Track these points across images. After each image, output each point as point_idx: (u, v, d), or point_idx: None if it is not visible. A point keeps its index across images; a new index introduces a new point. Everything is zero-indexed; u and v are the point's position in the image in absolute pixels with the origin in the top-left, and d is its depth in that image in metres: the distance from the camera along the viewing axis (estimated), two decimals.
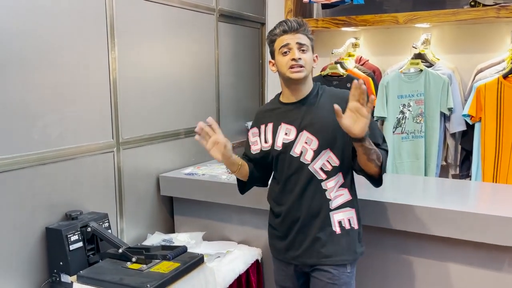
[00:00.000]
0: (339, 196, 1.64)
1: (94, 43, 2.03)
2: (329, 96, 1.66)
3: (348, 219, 1.65)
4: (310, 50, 1.63)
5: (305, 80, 1.64)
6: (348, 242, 1.65)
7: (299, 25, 1.60)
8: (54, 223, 1.87)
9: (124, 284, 1.60)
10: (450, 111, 2.71)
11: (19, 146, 1.73)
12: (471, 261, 1.86)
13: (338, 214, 1.64)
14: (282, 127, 1.67)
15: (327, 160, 1.62)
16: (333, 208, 1.63)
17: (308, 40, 1.62)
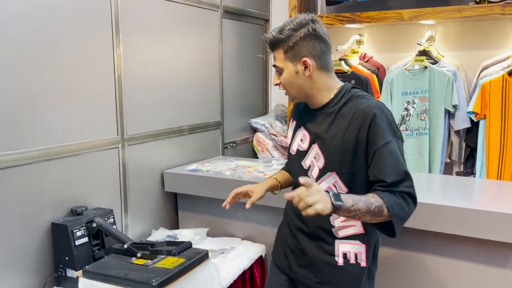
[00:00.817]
0: (350, 226, 1.42)
1: (99, 39, 2.04)
2: (352, 108, 1.35)
3: (355, 254, 1.43)
4: (287, 66, 1.38)
5: (304, 98, 1.44)
6: (350, 277, 1.44)
7: (270, 45, 1.39)
8: (59, 218, 1.88)
9: (129, 279, 1.61)
10: (454, 108, 2.70)
11: (25, 141, 1.74)
12: (475, 258, 1.86)
13: (346, 245, 1.43)
14: (301, 131, 1.48)
15: (333, 184, 1.39)
16: (340, 237, 1.43)
17: (282, 55, 1.37)
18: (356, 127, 1.33)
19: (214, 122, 2.90)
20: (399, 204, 1.27)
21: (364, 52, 3.10)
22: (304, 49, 1.35)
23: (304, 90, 1.41)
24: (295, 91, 1.42)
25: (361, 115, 1.32)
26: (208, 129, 2.84)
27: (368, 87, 2.82)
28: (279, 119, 3.25)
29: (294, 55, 1.36)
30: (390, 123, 1.34)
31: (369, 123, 1.30)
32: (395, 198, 1.27)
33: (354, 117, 1.33)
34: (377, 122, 1.30)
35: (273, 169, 2.45)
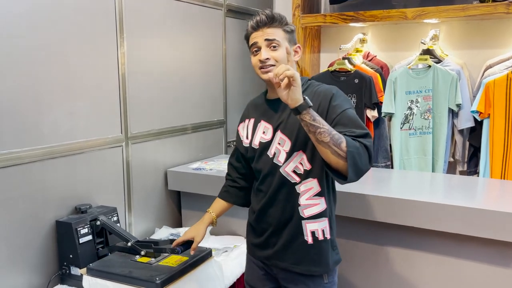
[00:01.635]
0: (315, 205, 1.50)
1: (103, 38, 2.05)
2: (312, 94, 1.48)
3: (322, 230, 1.51)
4: (285, 44, 1.46)
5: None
6: (320, 253, 1.52)
7: (268, 19, 1.45)
8: (64, 216, 1.89)
9: (133, 277, 1.62)
10: (458, 107, 2.70)
11: (29, 140, 1.75)
12: (478, 257, 1.86)
13: (312, 224, 1.50)
14: (261, 124, 1.57)
15: (300, 163, 1.48)
16: (306, 217, 1.50)
17: (282, 33, 1.46)
18: (316, 105, 1.43)
19: (218, 120, 2.91)
20: (358, 149, 1.30)
21: (368, 51, 3.10)
22: (296, 39, 1.54)
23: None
24: None
25: (321, 95, 1.46)
26: (211, 127, 2.85)
27: (371, 86, 2.82)
28: None
29: (292, 39, 1.50)
30: (347, 100, 1.48)
31: (329, 99, 1.43)
32: (357, 144, 1.31)
33: (314, 98, 1.44)
34: (336, 96, 1.45)
35: None
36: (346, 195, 2.05)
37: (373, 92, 2.82)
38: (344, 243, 2.16)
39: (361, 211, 2.02)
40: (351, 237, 2.13)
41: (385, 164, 2.92)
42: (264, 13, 1.47)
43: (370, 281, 2.11)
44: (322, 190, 1.50)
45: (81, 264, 1.80)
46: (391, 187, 2.36)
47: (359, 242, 2.11)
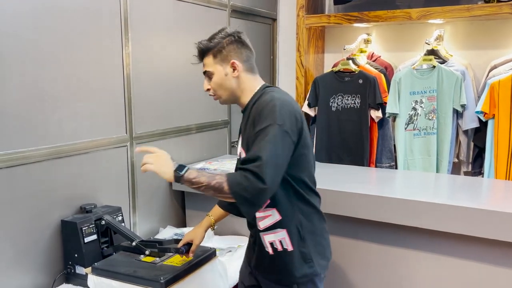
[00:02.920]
0: (267, 217, 1.48)
1: (108, 38, 2.06)
2: (253, 106, 1.47)
3: (279, 241, 1.48)
4: (217, 70, 1.48)
5: (233, 100, 1.54)
6: (285, 263, 1.49)
7: (199, 54, 1.52)
8: (69, 215, 1.90)
9: (137, 276, 1.63)
10: (463, 107, 2.69)
11: (35, 140, 1.76)
12: (483, 258, 1.86)
13: (269, 236, 1.49)
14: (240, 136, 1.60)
15: None
16: (262, 229, 1.49)
17: (212, 60, 1.49)
18: (251, 117, 1.43)
19: (222, 121, 2.91)
20: (239, 184, 1.29)
21: (372, 51, 3.09)
22: (232, 53, 1.48)
23: (233, 91, 1.51)
24: (225, 93, 1.52)
25: (258, 107, 1.41)
26: (215, 128, 2.86)
27: (376, 87, 2.82)
28: None
29: (223, 58, 1.48)
30: (273, 111, 1.35)
31: (258, 113, 1.39)
32: (238, 177, 1.30)
33: (252, 111, 1.44)
34: (263, 112, 1.37)
35: None
36: (350, 195, 2.05)
37: (377, 92, 2.81)
38: (346, 243, 2.16)
39: (364, 212, 2.02)
40: (354, 237, 2.13)
41: (389, 164, 2.92)
42: (198, 46, 1.52)
43: (373, 281, 2.11)
44: (272, 201, 1.44)
45: (86, 263, 1.81)
46: (395, 188, 2.36)
47: (362, 242, 2.11)
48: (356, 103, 2.88)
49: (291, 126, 1.36)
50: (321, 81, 2.97)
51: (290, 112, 1.38)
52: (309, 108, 3.03)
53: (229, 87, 1.50)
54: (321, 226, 1.55)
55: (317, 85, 2.98)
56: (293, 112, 1.39)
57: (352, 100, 2.89)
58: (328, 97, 2.95)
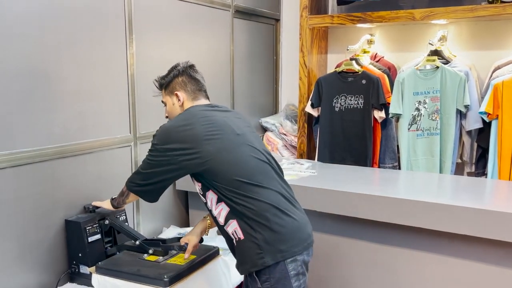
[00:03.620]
0: (220, 211, 1.59)
1: (113, 39, 2.07)
2: None
3: (234, 230, 1.57)
4: (167, 101, 1.77)
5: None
6: (245, 251, 1.56)
7: (158, 86, 1.80)
8: (73, 215, 1.91)
9: (141, 275, 1.63)
10: (466, 108, 2.69)
11: (40, 139, 1.77)
12: (486, 258, 1.85)
13: (228, 228, 1.59)
14: None
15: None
16: (223, 224, 1.59)
17: (164, 92, 1.78)
18: None
19: None
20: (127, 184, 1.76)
21: (375, 51, 3.09)
22: (177, 85, 1.74)
23: (174, 115, 1.73)
24: (172, 117, 1.74)
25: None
26: None
27: (379, 87, 2.82)
28: (289, 119, 3.26)
29: (170, 91, 1.75)
30: (162, 133, 1.62)
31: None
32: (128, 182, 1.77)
33: None
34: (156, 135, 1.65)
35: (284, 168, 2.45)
36: (353, 195, 2.05)
37: (381, 93, 2.81)
38: (349, 243, 2.16)
39: (367, 212, 2.02)
40: (356, 238, 2.13)
41: (392, 165, 2.92)
42: (154, 82, 1.82)
43: (375, 281, 2.11)
44: (219, 196, 1.57)
45: (89, 262, 1.82)
46: (398, 188, 2.36)
47: (365, 242, 2.12)
48: (359, 103, 2.88)
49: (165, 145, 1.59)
50: (324, 82, 2.97)
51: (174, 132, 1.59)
52: (312, 109, 3.03)
53: (176, 113, 1.73)
54: (275, 218, 1.55)
55: (320, 86, 2.98)
56: (180, 132, 1.58)
57: (355, 101, 2.89)
58: (331, 97, 2.95)
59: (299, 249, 1.56)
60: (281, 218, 1.56)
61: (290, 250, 1.54)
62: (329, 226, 2.19)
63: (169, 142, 1.57)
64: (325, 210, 2.13)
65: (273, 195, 1.58)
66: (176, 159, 1.56)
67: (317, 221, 2.03)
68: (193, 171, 1.59)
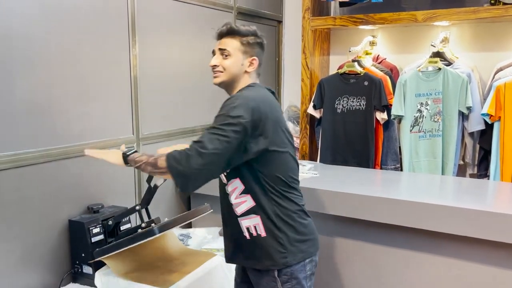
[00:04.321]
0: (243, 202, 1.55)
1: (116, 40, 2.08)
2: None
3: (254, 226, 1.55)
4: (237, 55, 1.57)
5: (227, 85, 1.61)
6: (262, 248, 1.55)
7: (227, 30, 1.58)
8: (76, 215, 1.92)
9: (135, 235, 1.66)
10: (468, 110, 2.69)
11: (44, 140, 1.78)
12: (488, 260, 1.86)
13: (245, 221, 1.56)
14: None
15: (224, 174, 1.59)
16: (239, 215, 1.57)
17: (237, 44, 1.57)
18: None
19: None
20: (177, 159, 1.42)
21: (377, 53, 3.10)
22: (256, 51, 1.60)
23: (235, 80, 1.59)
24: (228, 77, 1.58)
25: (226, 100, 1.55)
26: None
27: (381, 89, 2.82)
28: (291, 120, 3.26)
29: (247, 51, 1.58)
30: (232, 107, 1.46)
31: (223, 104, 1.53)
32: (177, 154, 1.43)
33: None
34: (226, 102, 1.51)
35: None
36: (355, 196, 2.06)
37: (383, 94, 2.82)
38: (351, 245, 2.16)
39: (369, 213, 2.02)
40: (358, 239, 2.14)
41: (394, 166, 2.92)
42: (227, 26, 1.59)
43: (378, 283, 2.11)
44: (246, 187, 1.53)
45: (93, 263, 1.83)
46: (400, 190, 2.36)
47: (366, 243, 2.12)
48: (362, 105, 2.89)
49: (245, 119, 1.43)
50: (326, 83, 2.98)
51: (252, 108, 1.45)
52: (314, 110, 3.03)
53: (235, 75, 1.59)
54: (300, 219, 1.58)
55: (322, 87, 2.99)
56: (256, 109, 1.45)
57: (357, 102, 2.90)
58: (333, 99, 2.95)
59: (314, 250, 1.61)
60: (305, 219, 1.60)
61: (308, 251, 1.58)
62: (331, 227, 2.20)
63: (258, 114, 1.45)
64: (327, 211, 2.14)
65: (300, 196, 1.62)
66: (255, 135, 1.45)
67: (319, 222, 2.03)
68: (255, 155, 1.47)
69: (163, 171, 1.45)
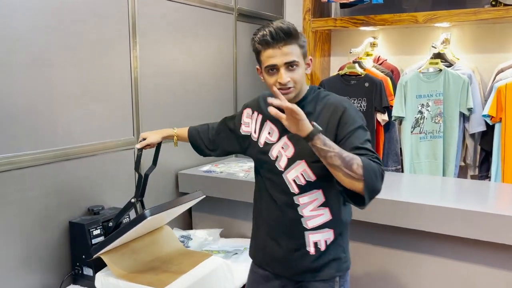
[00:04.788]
0: (319, 216, 1.45)
1: (116, 42, 2.08)
2: (321, 105, 1.44)
3: (325, 240, 1.47)
4: (302, 60, 1.38)
5: (295, 98, 1.42)
6: (324, 260, 1.49)
7: (285, 35, 1.33)
8: (77, 217, 1.92)
9: (128, 224, 1.65)
10: (469, 111, 2.68)
11: (44, 142, 1.78)
12: (489, 262, 1.85)
13: (315, 235, 1.46)
14: (267, 124, 1.52)
15: (301, 173, 1.43)
16: (310, 228, 1.46)
17: (298, 50, 1.36)
18: (326, 118, 1.40)
19: None
20: (376, 174, 1.26)
21: (378, 54, 3.09)
22: (306, 50, 1.42)
23: (301, 87, 1.42)
24: (299, 89, 1.41)
25: (331, 108, 1.41)
26: None
27: (382, 90, 2.82)
28: None
29: (305, 53, 1.40)
30: (360, 116, 1.41)
31: (340, 114, 1.38)
32: (376, 168, 1.27)
33: (324, 110, 1.42)
34: (348, 112, 1.39)
35: None
36: None
37: (384, 96, 2.82)
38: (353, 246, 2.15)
39: (371, 215, 2.02)
40: (360, 240, 2.13)
41: (395, 168, 2.92)
42: (278, 27, 1.34)
43: (379, 284, 2.11)
44: (327, 200, 1.45)
45: (93, 264, 1.82)
46: (401, 191, 2.36)
47: (368, 245, 2.11)
48: (362, 106, 2.88)
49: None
50: (327, 85, 2.98)
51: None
52: None
53: (303, 84, 1.42)
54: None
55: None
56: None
57: (358, 104, 2.90)
58: None
59: None
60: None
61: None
62: None
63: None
64: None
65: None
66: None
67: None
68: None
69: (354, 177, 1.24)
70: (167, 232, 1.98)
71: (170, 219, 1.96)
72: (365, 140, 1.35)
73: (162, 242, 1.94)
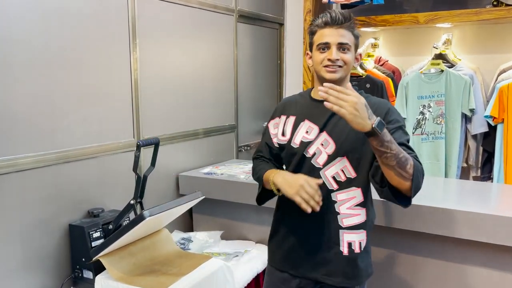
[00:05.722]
0: (356, 215, 1.46)
1: (116, 44, 2.07)
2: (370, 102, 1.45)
3: (359, 242, 1.47)
4: (353, 49, 1.45)
5: (340, 81, 1.44)
6: (355, 265, 1.48)
7: (344, 19, 1.41)
8: (77, 220, 1.91)
9: (126, 226, 1.64)
10: (471, 112, 2.67)
11: (44, 144, 1.78)
12: (492, 264, 1.84)
13: (351, 235, 1.46)
14: (305, 124, 1.51)
15: (341, 170, 1.44)
16: (345, 227, 1.46)
17: (352, 37, 1.44)
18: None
19: (229, 125, 2.92)
20: (422, 174, 1.33)
21: (379, 55, 3.09)
22: (359, 44, 1.50)
23: (347, 76, 1.48)
24: (346, 73, 1.46)
25: (375, 107, 1.42)
26: (222, 132, 2.86)
27: (383, 91, 2.81)
28: None
29: (357, 46, 1.48)
30: (400, 116, 1.48)
31: (384, 112, 1.42)
32: (421, 168, 1.33)
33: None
34: (391, 111, 1.45)
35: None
36: None
37: (385, 96, 2.81)
38: None
39: None
40: None
41: None
42: (340, 12, 1.43)
43: (379, 285, 2.10)
44: (365, 200, 1.46)
45: (93, 267, 1.82)
46: None
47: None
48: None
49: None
50: None
51: None
52: None
53: (349, 71, 1.48)
54: None
55: None
56: None
57: None
58: None
59: None
60: None
61: None
62: None
63: None
64: None
65: None
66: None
67: None
68: None
69: (405, 176, 1.27)
70: (166, 235, 1.97)
71: (169, 220, 1.95)
72: (406, 139, 1.41)
73: (162, 244, 1.94)
